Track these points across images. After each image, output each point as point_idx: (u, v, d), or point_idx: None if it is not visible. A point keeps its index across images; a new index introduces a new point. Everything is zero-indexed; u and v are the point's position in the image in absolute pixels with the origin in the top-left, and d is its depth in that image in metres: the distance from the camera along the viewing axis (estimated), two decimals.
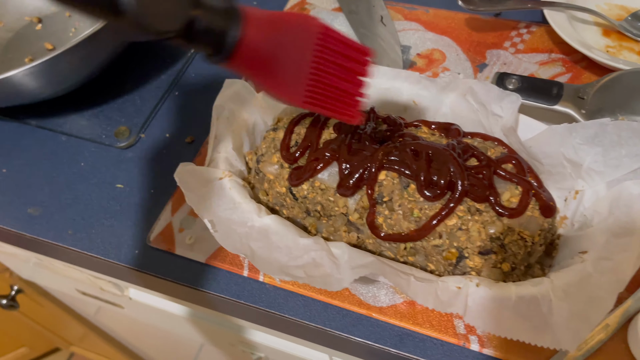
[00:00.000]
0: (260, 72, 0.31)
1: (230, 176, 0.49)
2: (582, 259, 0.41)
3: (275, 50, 0.30)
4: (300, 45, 0.32)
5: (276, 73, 0.31)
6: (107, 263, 0.54)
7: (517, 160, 0.45)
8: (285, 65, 0.31)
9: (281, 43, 0.30)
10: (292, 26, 0.32)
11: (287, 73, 0.32)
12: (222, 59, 0.29)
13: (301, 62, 0.32)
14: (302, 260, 0.43)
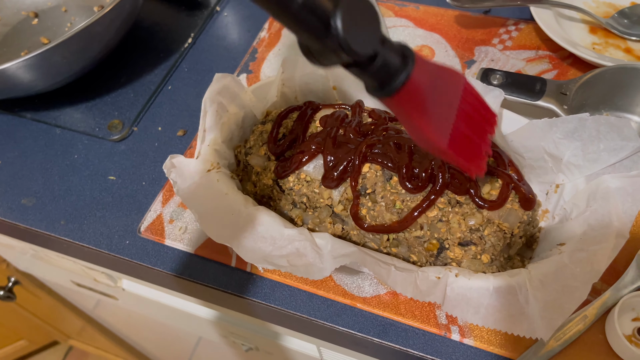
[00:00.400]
0: (414, 113, 0.32)
1: (219, 168, 0.50)
2: (560, 251, 0.42)
3: (430, 95, 0.32)
4: (449, 94, 0.34)
5: (427, 116, 0.33)
6: (98, 253, 0.55)
7: (498, 153, 0.46)
8: (436, 110, 0.33)
9: (436, 90, 0.32)
10: (445, 75, 0.34)
11: (435, 117, 0.33)
12: (387, 94, 0.31)
13: (448, 110, 0.34)
14: (285, 250, 0.44)
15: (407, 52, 0.31)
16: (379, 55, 0.30)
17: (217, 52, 0.70)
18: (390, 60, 0.30)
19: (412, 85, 0.31)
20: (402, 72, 0.31)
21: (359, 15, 0.28)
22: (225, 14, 0.74)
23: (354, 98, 0.55)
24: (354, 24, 0.27)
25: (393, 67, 0.30)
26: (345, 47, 0.27)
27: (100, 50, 0.62)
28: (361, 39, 0.28)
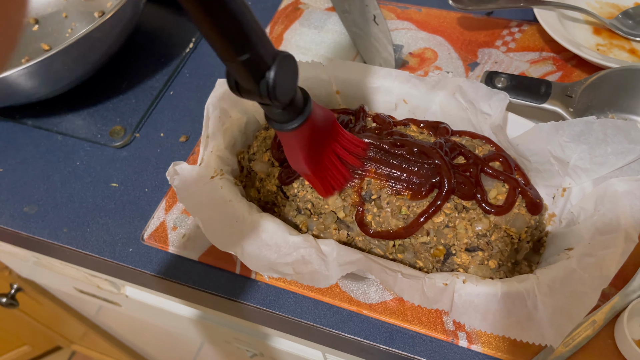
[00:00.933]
0: (298, 146, 0.40)
1: (222, 175, 0.50)
2: (568, 256, 0.42)
3: (314, 133, 0.40)
4: (325, 131, 0.42)
5: (306, 150, 0.40)
6: (102, 261, 0.55)
7: (505, 158, 0.45)
8: (313, 144, 0.41)
9: (318, 128, 0.40)
10: (324, 115, 0.41)
11: (312, 150, 0.41)
12: (284, 130, 0.38)
13: (321, 145, 0.42)
14: (291, 258, 0.43)
15: (308, 100, 0.38)
16: (293, 101, 0.36)
17: None
18: (296, 106, 0.37)
19: (304, 127, 0.38)
20: (301, 116, 0.37)
21: (286, 71, 0.34)
22: None
23: (357, 102, 0.55)
24: (282, 78, 0.33)
25: (296, 111, 0.37)
26: (271, 94, 0.33)
27: (101, 56, 0.62)
28: (284, 91, 0.34)
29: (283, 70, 0.33)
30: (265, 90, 0.33)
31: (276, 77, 0.33)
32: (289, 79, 0.35)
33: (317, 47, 0.67)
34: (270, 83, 0.33)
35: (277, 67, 0.33)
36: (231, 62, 0.32)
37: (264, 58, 0.32)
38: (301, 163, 0.41)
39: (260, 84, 0.33)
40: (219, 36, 0.30)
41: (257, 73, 0.33)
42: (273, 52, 0.33)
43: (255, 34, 0.31)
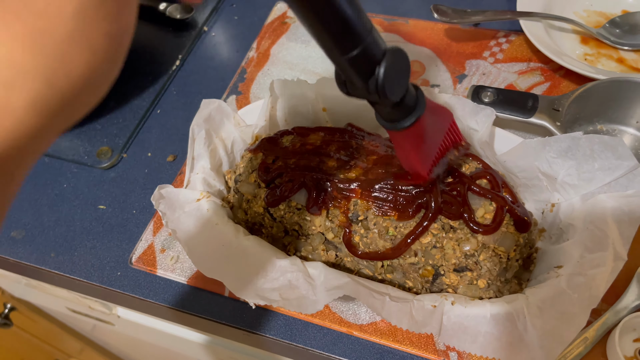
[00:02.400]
0: (411, 147, 0.38)
1: (208, 197, 0.50)
2: (557, 274, 0.41)
3: (427, 133, 0.39)
4: (439, 131, 0.41)
5: (419, 151, 0.39)
6: (90, 285, 0.54)
7: (492, 175, 0.45)
8: (427, 146, 0.39)
9: (431, 128, 0.39)
10: (439, 113, 0.41)
11: (425, 152, 0.40)
12: (396, 129, 0.37)
13: (435, 145, 0.41)
14: (278, 283, 0.43)
15: (420, 97, 0.36)
16: (404, 99, 0.35)
17: (205, 73, 0.69)
18: (407, 104, 0.35)
19: (417, 126, 0.36)
20: (413, 114, 0.36)
21: (397, 67, 0.32)
22: (213, 34, 0.73)
23: (344, 119, 0.54)
24: (392, 75, 0.31)
25: (408, 109, 0.36)
26: (381, 92, 0.32)
27: None
28: (394, 88, 0.32)
29: (393, 66, 0.31)
30: (375, 87, 0.31)
31: (386, 73, 0.31)
32: (400, 75, 0.33)
33: (304, 61, 0.67)
34: (380, 80, 0.31)
35: (387, 63, 0.31)
36: (339, 60, 0.30)
37: (373, 53, 0.30)
38: (415, 165, 0.39)
39: (369, 81, 0.31)
40: (328, 35, 0.29)
41: (366, 70, 0.31)
42: (383, 47, 0.31)
43: (364, 27, 0.30)
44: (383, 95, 0.32)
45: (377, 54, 0.31)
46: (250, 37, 0.71)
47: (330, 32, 0.29)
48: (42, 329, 1.14)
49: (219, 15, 0.75)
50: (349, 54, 0.30)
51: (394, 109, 0.35)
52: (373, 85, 0.31)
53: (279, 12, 0.73)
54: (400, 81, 0.33)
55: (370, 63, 0.31)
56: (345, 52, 0.30)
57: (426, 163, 0.40)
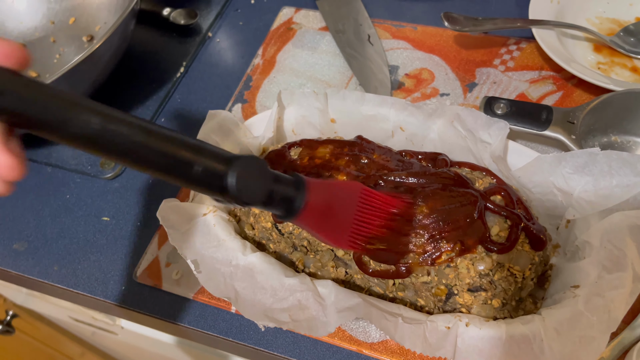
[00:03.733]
0: (318, 225, 0.38)
1: (215, 211, 0.49)
2: (574, 294, 0.40)
3: (328, 208, 0.38)
4: (348, 203, 0.40)
5: (330, 225, 0.38)
6: (94, 300, 0.53)
7: (506, 191, 0.44)
8: (337, 218, 0.39)
9: (333, 203, 0.38)
10: (341, 189, 0.40)
11: (335, 225, 0.39)
12: (291, 219, 0.36)
13: (347, 216, 0.40)
14: (287, 303, 0.42)
15: (298, 182, 0.36)
16: (274, 193, 0.34)
17: (210, 80, 0.68)
18: (286, 194, 0.35)
19: (309, 206, 0.36)
20: (298, 199, 0.36)
21: (248, 172, 0.32)
22: (217, 39, 0.72)
23: (353, 130, 0.53)
24: (245, 181, 0.32)
25: (289, 198, 0.35)
26: (239, 202, 0.32)
27: (90, 86, 0.60)
28: (252, 192, 0.33)
29: (242, 171, 0.32)
30: (230, 198, 0.32)
31: (236, 181, 0.31)
32: (254, 177, 0.33)
33: (311, 68, 0.66)
34: (232, 190, 0.32)
35: (233, 172, 0.32)
36: (189, 185, 0.32)
37: (213, 169, 0.31)
38: (330, 241, 0.39)
39: (224, 194, 0.32)
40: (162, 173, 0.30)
41: (215, 184, 0.32)
42: (227, 156, 0.32)
43: (192, 150, 0.31)
44: (242, 203, 0.32)
45: (221, 164, 0.32)
46: (256, 43, 0.70)
47: (160, 170, 0.30)
48: (44, 334, 1.13)
49: (224, 20, 0.74)
50: (192, 177, 0.31)
51: (276, 206, 0.35)
52: (228, 197, 0.32)
53: (285, 18, 0.72)
54: (255, 182, 0.33)
55: (216, 176, 0.31)
56: (189, 178, 0.31)
57: (343, 235, 0.39)
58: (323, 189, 0.38)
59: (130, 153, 0.29)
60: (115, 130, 0.28)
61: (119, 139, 0.28)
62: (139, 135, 0.29)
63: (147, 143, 0.29)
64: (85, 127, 0.27)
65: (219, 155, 0.32)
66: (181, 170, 0.30)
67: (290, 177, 0.36)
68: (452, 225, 0.41)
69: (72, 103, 0.27)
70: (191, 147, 0.31)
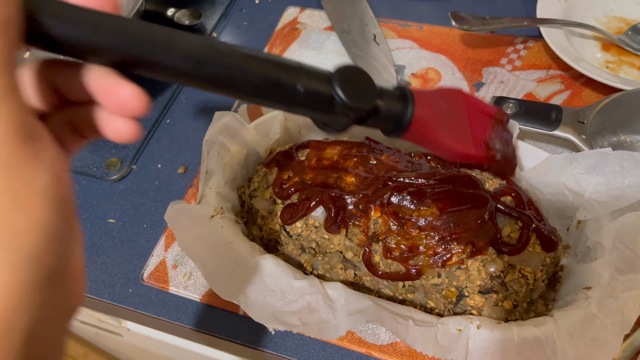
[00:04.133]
0: (431, 137, 0.38)
1: (222, 213, 0.48)
2: (587, 296, 0.40)
3: (439, 117, 0.38)
4: (455, 109, 0.40)
5: (444, 134, 0.38)
6: (101, 302, 0.53)
7: (517, 192, 0.44)
8: (450, 126, 0.39)
9: (442, 110, 0.38)
10: (445, 96, 0.40)
11: (453, 132, 0.39)
12: (401, 132, 0.36)
13: (461, 122, 0.40)
14: (297, 305, 0.41)
15: (406, 92, 0.36)
16: (382, 104, 0.34)
17: None
18: (393, 106, 0.35)
19: (419, 118, 0.36)
20: (407, 111, 0.35)
21: (353, 80, 0.31)
22: (222, 40, 0.72)
23: (360, 130, 0.52)
24: (352, 88, 0.31)
25: (398, 110, 0.35)
26: (352, 107, 0.31)
27: None
28: (362, 97, 0.32)
29: (347, 80, 0.31)
30: (342, 106, 0.31)
31: (343, 89, 0.30)
32: (360, 84, 0.32)
33: None
34: (342, 97, 0.30)
35: (339, 82, 0.30)
36: (296, 109, 0.31)
37: (318, 81, 0.30)
38: (455, 148, 0.39)
39: (335, 106, 0.31)
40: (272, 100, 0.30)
41: (324, 101, 0.30)
42: (326, 72, 0.31)
43: (290, 69, 0.29)
44: (354, 108, 0.31)
45: (322, 80, 0.30)
46: (261, 44, 0.70)
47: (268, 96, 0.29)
48: None
49: (228, 20, 0.74)
50: (295, 98, 0.30)
51: (386, 117, 0.35)
52: (340, 107, 0.31)
53: (290, 18, 0.72)
54: (363, 88, 0.32)
55: (323, 91, 0.30)
56: (292, 100, 0.30)
57: (465, 140, 0.39)
58: (429, 98, 0.37)
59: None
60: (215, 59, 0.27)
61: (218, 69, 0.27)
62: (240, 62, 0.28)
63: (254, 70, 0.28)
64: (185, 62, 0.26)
65: (320, 69, 0.31)
66: (286, 88, 0.29)
67: (397, 87, 0.36)
68: (463, 226, 0.41)
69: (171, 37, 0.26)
70: (287, 65, 0.30)
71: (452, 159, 0.42)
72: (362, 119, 0.33)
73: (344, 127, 0.33)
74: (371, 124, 0.35)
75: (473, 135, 0.40)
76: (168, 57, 0.25)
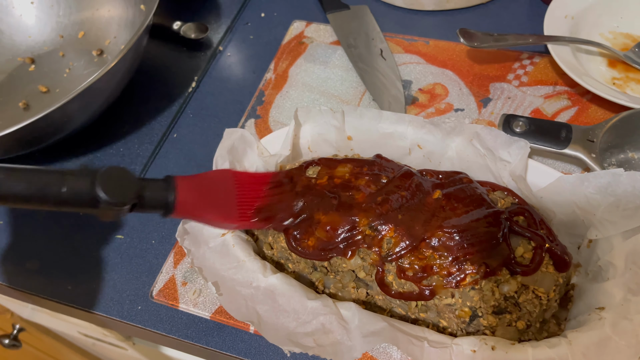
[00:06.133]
0: (199, 214, 0.42)
1: (233, 231, 0.48)
2: (600, 316, 0.40)
3: (204, 197, 0.42)
4: (223, 187, 0.44)
5: (211, 211, 0.42)
6: (110, 320, 0.53)
7: (529, 212, 0.44)
8: (213, 203, 0.43)
9: (206, 192, 0.42)
10: (213, 178, 0.44)
11: (221, 206, 0.43)
12: (170, 213, 0.40)
13: (227, 197, 0.44)
14: (310, 327, 0.41)
15: (169, 181, 0.40)
16: (146, 194, 0.38)
17: (222, 95, 0.67)
18: (156, 194, 0.39)
19: (183, 198, 0.40)
20: (169, 197, 0.39)
21: (114, 179, 0.36)
22: (228, 53, 0.72)
23: (370, 148, 0.53)
24: (112, 186, 0.35)
25: (161, 198, 0.39)
26: (112, 202, 0.35)
27: (103, 103, 0.60)
28: (121, 194, 0.36)
29: (107, 179, 0.35)
30: (106, 204, 0.35)
31: (104, 189, 0.35)
32: (121, 182, 0.36)
33: (323, 83, 0.66)
34: (104, 197, 0.35)
35: (99, 182, 0.35)
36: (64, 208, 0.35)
37: (80, 184, 0.34)
38: (220, 223, 0.44)
39: (99, 204, 0.35)
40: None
41: (87, 199, 0.35)
42: (88, 174, 0.35)
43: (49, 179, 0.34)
44: (117, 204, 0.35)
45: (85, 181, 0.35)
46: (267, 57, 0.70)
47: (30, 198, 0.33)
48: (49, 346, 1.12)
49: (234, 34, 0.74)
50: (61, 199, 0.34)
51: (152, 205, 0.39)
52: (104, 204, 0.35)
53: (296, 32, 0.72)
54: (123, 185, 0.36)
55: (85, 192, 0.35)
56: (58, 201, 0.34)
57: (231, 213, 0.43)
58: (194, 181, 0.42)
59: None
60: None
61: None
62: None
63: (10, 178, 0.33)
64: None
65: (82, 170, 0.35)
66: (51, 193, 0.34)
67: (159, 179, 0.40)
68: (477, 247, 0.41)
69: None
70: (54, 171, 0.34)
71: (225, 228, 0.46)
72: (129, 209, 0.37)
73: (113, 218, 0.37)
74: (141, 211, 0.39)
75: (240, 206, 0.44)
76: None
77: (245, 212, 0.44)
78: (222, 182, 0.44)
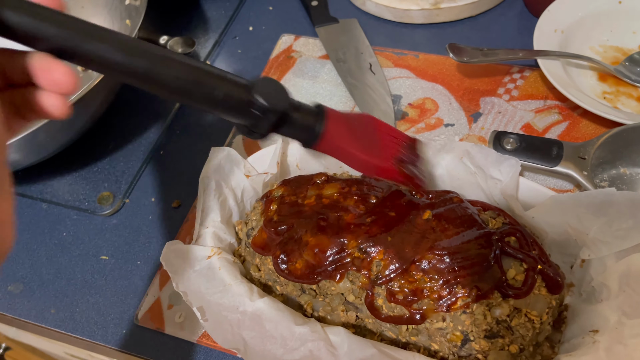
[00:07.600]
0: (345, 146, 0.40)
1: (220, 253, 0.47)
2: (594, 340, 0.39)
3: (350, 133, 0.40)
4: (368, 129, 0.42)
5: (356, 147, 0.40)
6: (94, 344, 0.51)
7: (521, 232, 0.43)
8: (362, 142, 0.41)
9: (354, 129, 0.40)
10: (359, 119, 0.42)
11: (365, 147, 0.41)
12: (314, 141, 0.38)
13: (372, 139, 0.42)
14: (298, 354, 0.40)
15: (320, 108, 0.39)
16: (297, 115, 0.37)
17: None
18: (306, 117, 0.37)
19: (331, 130, 0.38)
20: (318, 122, 0.38)
21: (270, 88, 0.35)
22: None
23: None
24: (268, 92, 0.34)
25: (310, 121, 0.38)
26: (268, 108, 0.34)
27: (88, 121, 0.59)
28: (276, 98, 0.35)
29: (265, 87, 0.34)
30: (260, 106, 0.34)
31: (260, 93, 0.33)
32: (276, 90, 0.35)
33: (312, 98, 0.65)
34: (259, 98, 0.33)
35: (257, 87, 0.34)
36: (218, 112, 0.33)
37: (239, 88, 0.33)
38: (366, 160, 0.40)
39: (253, 108, 0.34)
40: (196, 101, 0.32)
41: (243, 104, 0.33)
42: (245, 81, 0.34)
43: (214, 76, 0.32)
44: (270, 106, 0.34)
45: (241, 86, 0.33)
46: (255, 72, 0.69)
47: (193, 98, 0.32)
48: None
49: (222, 48, 0.73)
50: (215, 100, 0.32)
51: (300, 125, 0.37)
52: (258, 107, 0.34)
53: (284, 46, 0.71)
54: (278, 93, 0.35)
55: (243, 96, 0.33)
56: (211, 101, 0.32)
57: (377, 155, 0.41)
58: (343, 115, 0.40)
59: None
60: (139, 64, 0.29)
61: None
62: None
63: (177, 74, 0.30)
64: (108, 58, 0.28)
65: (238, 80, 0.34)
66: (208, 92, 0.32)
67: (312, 104, 0.39)
68: (468, 269, 0.40)
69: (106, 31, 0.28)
70: (216, 71, 0.33)
71: (366, 173, 0.43)
72: (279, 124, 0.36)
73: (265, 130, 0.35)
74: (288, 133, 0.37)
75: (383, 152, 0.42)
76: (101, 47, 0.28)
77: (387, 157, 0.42)
78: (367, 124, 0.42)
